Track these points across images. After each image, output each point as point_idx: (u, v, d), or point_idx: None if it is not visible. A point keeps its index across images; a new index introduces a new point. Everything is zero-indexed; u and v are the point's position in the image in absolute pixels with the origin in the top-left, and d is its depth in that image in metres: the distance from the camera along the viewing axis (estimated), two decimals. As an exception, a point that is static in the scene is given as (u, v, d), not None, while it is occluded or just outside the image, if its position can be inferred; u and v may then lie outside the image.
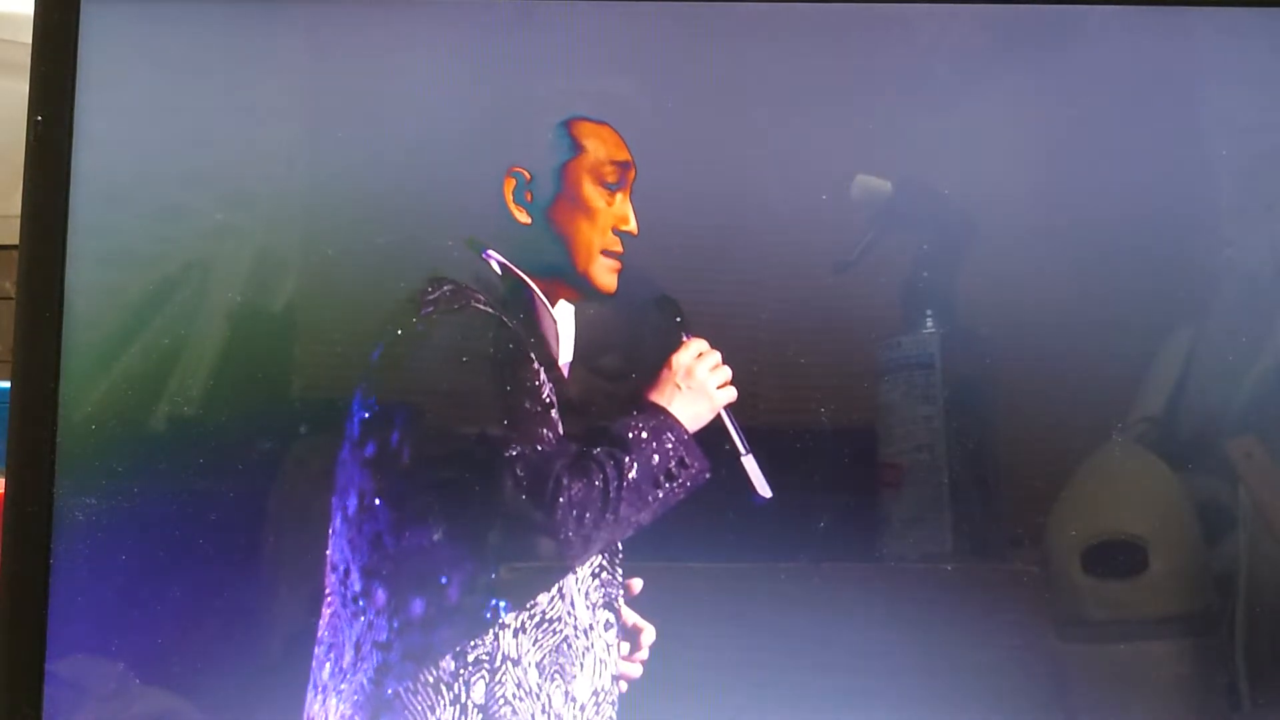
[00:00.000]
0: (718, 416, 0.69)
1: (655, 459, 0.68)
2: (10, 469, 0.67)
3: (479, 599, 0.67)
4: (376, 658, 0.67)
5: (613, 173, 0.69)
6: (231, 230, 0.69)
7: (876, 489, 0.69)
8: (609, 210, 0.69)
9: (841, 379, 0.69)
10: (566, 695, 0.68)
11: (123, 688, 0.66)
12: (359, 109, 0.70)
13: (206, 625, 0.67)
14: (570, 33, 0.70)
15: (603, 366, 0.70)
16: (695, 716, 0.67)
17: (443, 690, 0.66)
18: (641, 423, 0.68)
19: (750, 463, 0.68)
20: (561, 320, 0.70)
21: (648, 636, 0.68)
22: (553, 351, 0.70)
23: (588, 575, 0.69)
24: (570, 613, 0.68)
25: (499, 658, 0.67)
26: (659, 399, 0.69)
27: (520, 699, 0.67)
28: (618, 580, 0.69)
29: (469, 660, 0.67)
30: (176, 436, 0.68)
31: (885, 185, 0.69)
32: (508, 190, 0.69)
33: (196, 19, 0.70)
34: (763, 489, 0.68)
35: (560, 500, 0.67)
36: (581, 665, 0.68)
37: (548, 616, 0.68)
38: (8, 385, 0.67)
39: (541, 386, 0.68)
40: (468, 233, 0.69)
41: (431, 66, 0.70)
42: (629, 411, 0.69)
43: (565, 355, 0.70)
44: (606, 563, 0.69)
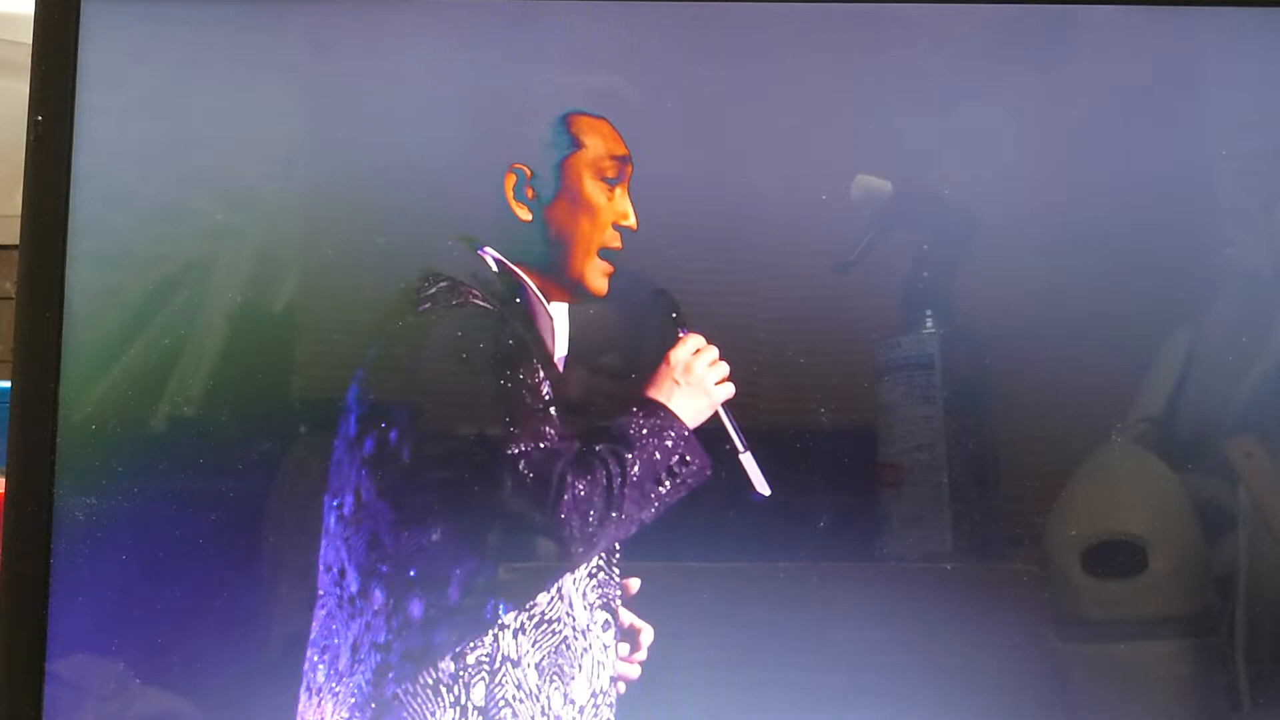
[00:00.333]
0: (715, 414, 0.69)
1: (657, 456, 0.68)
2: (10, 469, 0.67)
3: (480, 599, 0.67)
4: (375, 659, 0.66)
5: (611, 167, 0.69)
6: (231, 230, 0.69)
7: (876, 489, 0.69)
8: (609, 206, 0.69)
9: (841, 379, 0.69)
10: (565, 697, 0.68)
11: (123, 688, 0.66)
12: (358, 108, 0.70)
13: (207, 625, 0.67)
14: (570, 30, 0.70)
15: (600, 363, 0.70)
16: (693, 717, 0.67)
17: (442, 692, 0.66)
18: (642, 420, 0.68)
19: (749, 460, 0.68)
20: (557, 317, 0.70)
21: (646, 637, 0.68)
22: (549, 348, 0.70)
23: (584, 575, 0.68)
24: (569, 613, 0.68)
25: (499, 659, 0.67)
26: (658, 395, 0.69)
27: (520, 700, 0.67)
28: (615, 580, 0.68)
29: (469, 662, 0.67)
30: (176, 436, 0.68)
31: (885, 185, 0.69)
32: (508, 187, 0.69)
33: (196, 19, 0.70)
34: (761, 486, 0.68)
35: (565, 499, 0.66)
36: (579, 666, 0.68)
37: (547, 617, 0.68)
38: (8, 385, 0.67)
39: (541, 384, 0.68)
40: (468, 230, 0.69)
41: (429, 65, 0.70)
42: (628, 408, 0.69)
43: (561, 352, 0.70)
44: (603, 563, 0.68)
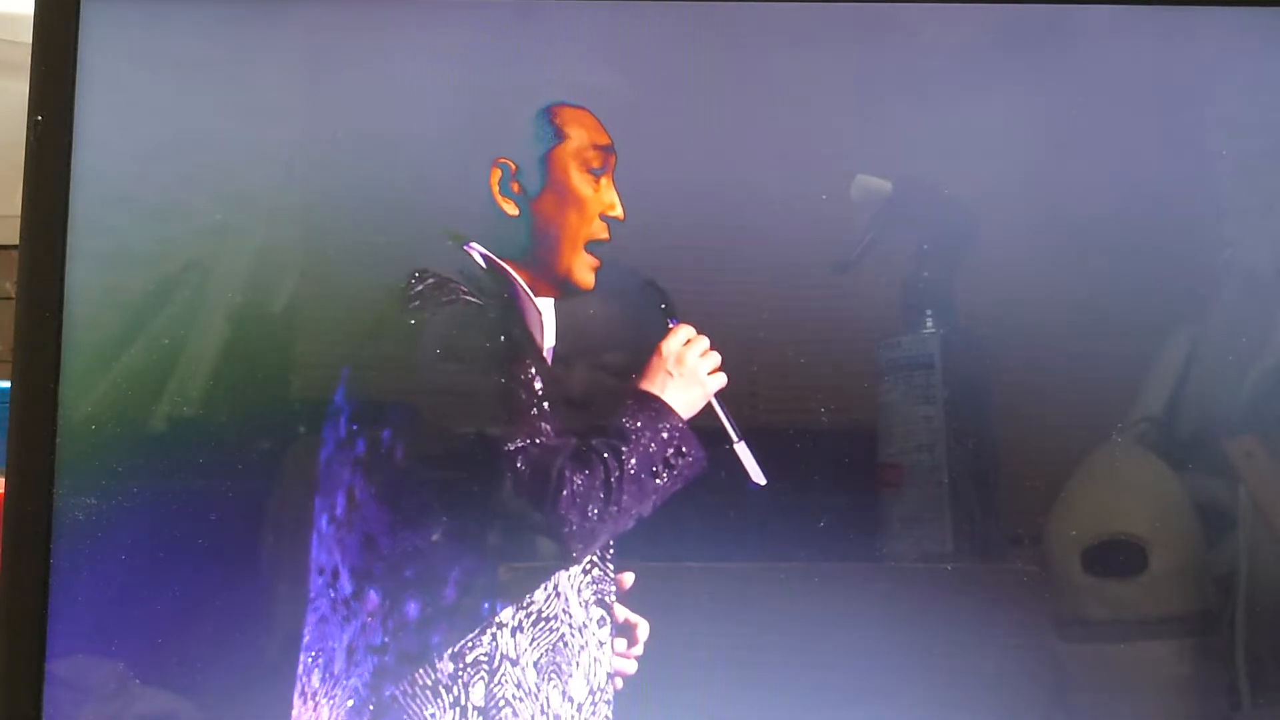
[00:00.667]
0: (708, 405, 0.69)
1: (653, 448, 0.68)
2: (10, 469, 0.67)
3: (478, 598, 0.67)
4: (371, 661, 0.66)
5: (596, 158, 0.69)
6: (231, 230, 0.69)
7: (876, 489, 0.69)
8: (596, 197, 0.69)
9: (841, 379, 0.69)
10: (564, 695, 0.68)
11: (123, 688, 0.66)
12: (358, 108, 0.70)
13: (207, 625, 0.67)
14: (561, 25, 0.70)
15: (591, 357, 0.70)
16: (689, 714, 0.67)
17: (441, 693, 0.66)
18: (636, 412, 0.68)
19: (743, 450, 0.68)
20: (545, 312, 0.70)
21: (642, 631, 0.68)
22: (539, 344, 0.70)
23: (580, 572, 0.68)
24: (566, 610, 0.68)
25: (498, 658, 0.67)
26: (651, 387, 0.69)
27: (520, 699, 0.67)
28: (609, 576, 0.68)
29: (467, 661, 0.66)
30: (176, 436, 0.68)
31: (885, 185, 0.69)
32: (494, 182, 0.69)
33: (196, 19, 0.70)
34: (757, 476, 0.68)
35: (562, 495, 0.66)
36: (577, 664, 0.68)
37: (544, 615, 0.68)
38: (8, 385, 0.67)
39: (532, 380, 0.68)
40: (458, 226, 0.69)
41: (417, 63, 0.70)
42: (622, 401, 0.68)
43: (550, 346, 0.70)
44: (597, 559, 0.68)
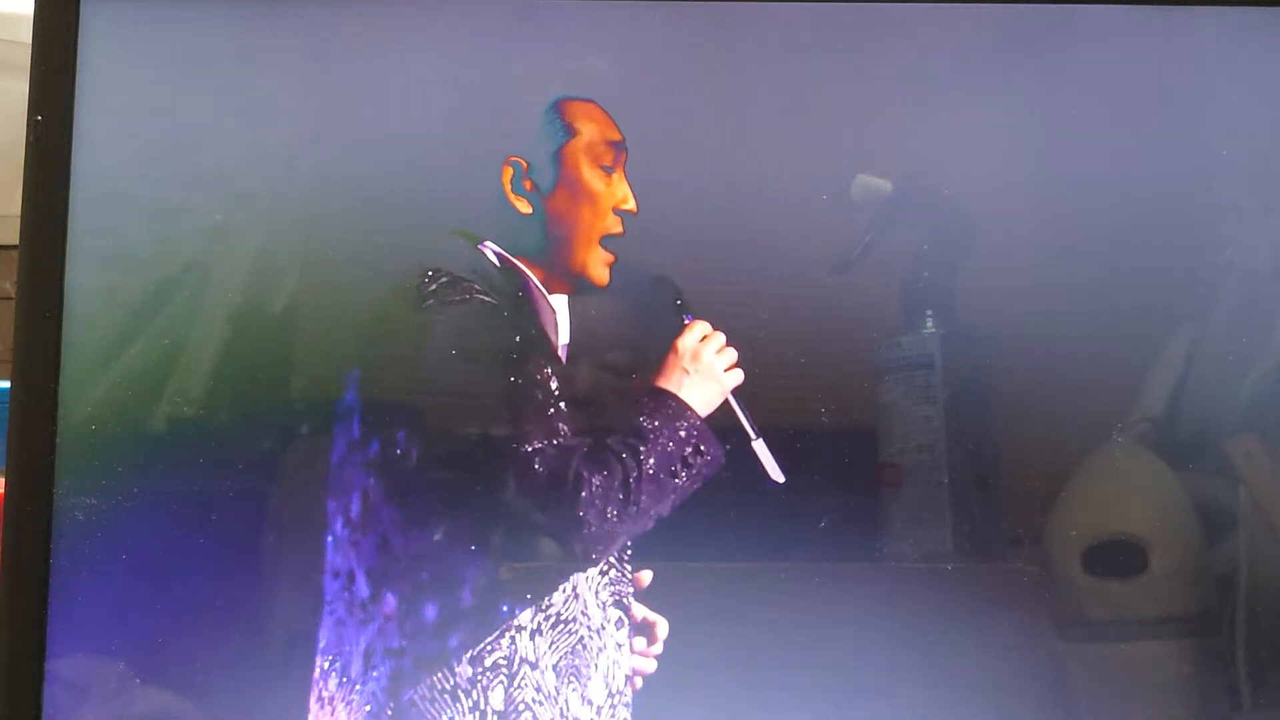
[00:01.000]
0: (724, 403, 0.68)
1: (671, 446, 0.67)
2: (10, 469, 0.67)
3: (496, 600, 0.66)
4: (389, 665, 0.66)
5: (607, 152, 0.69)
6: (231, 230, 0.69)
7: (877, 489, 0.69)
8: (609, 191, 0.69)
9: (841, 379, 0.69)
10: (583, 698, 0.67)
11: (123, 687, 0.66)
12: (358, 107, 0.70)
13: (207, 625, 0.67)
14: (571, 24, 0.70)
15: (606, 354, 0.70)
16: (701, 715, 0.67)
17: (460, 697, 0.66)
18: (653, 410, 0.68)
19: (761, 447, 0.67)
20: (559, 310, 0.70)
21: (661, 630, 0.68)
22: (553, 342, 0.69)
23: (597, 573, 0.68)
24: (584, 612, 0.68)
25: (517, 661, 0.66)
26: (667, 385, 0.68)
27: (539, 703, 0.66)
28: (626, 577, 0.68)
29: (486, 665, 0.66)
30: (176, 436, 0.68)
31: (885, 185, 0.69)
32: (506, 180, 0.69)
33: (196, 19, 0.70)
34: (775, 474, 0.67)
35: (581, 495, 0.66)
36: (595, 666, 0.68)
37: (563, 617, 0.67)
38: (8, 385, 0.67)
39: (548, 379, 0.68)
40: (470, 225, 0.69)
41: (425, 62, 0.70)
42: (638, 399, 0.68)
43: (564, 344, 0.70)
44: (615, 560, 0.68)
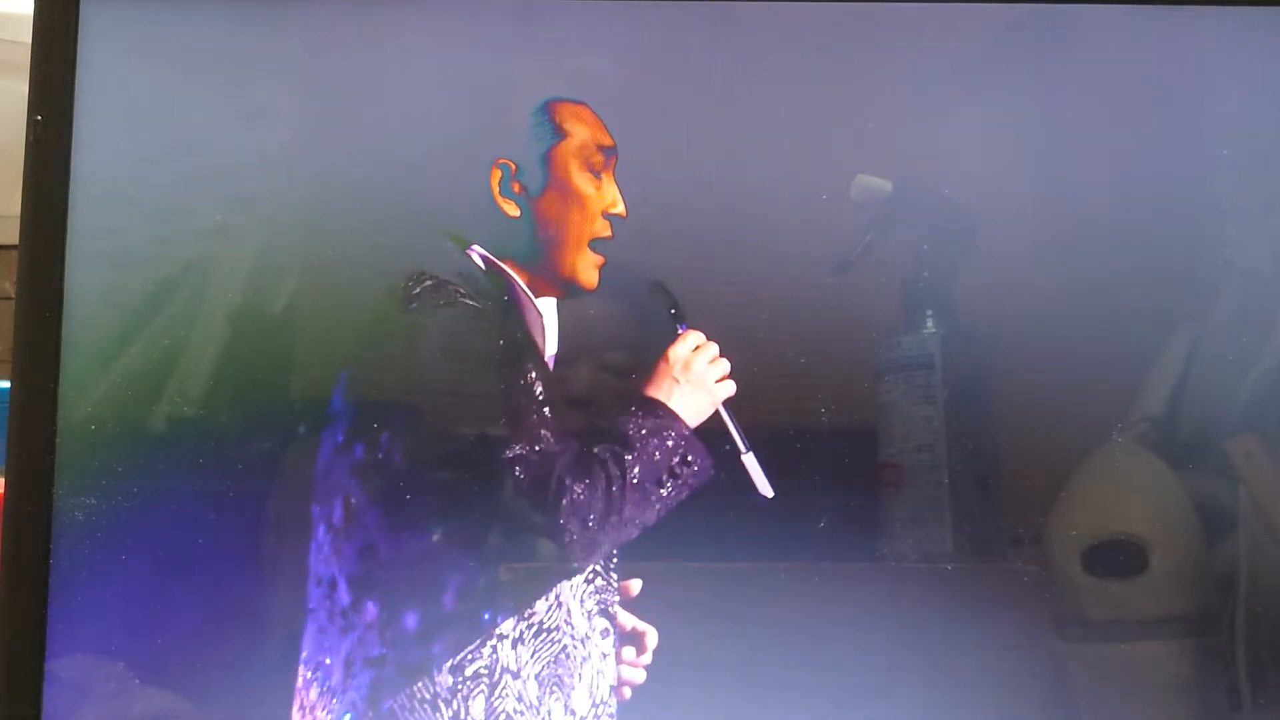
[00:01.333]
0: (715, 414, 0.68)
1: (658, 456, 0.67)
2: (10, 469, 0.67)
3: (476, 608, 0.66)
4: (369, 674, 0.66)
5: (597, 154, 0.69)
6: (231, 230, 0.69)
7: (876, 489, 0.69)
8: (597, 195, 0.69)
9: (841, 379, 0.69)
10: (566, 708, 0.67)
11: (123, 688, 0.66)
12: (358, 108, 0.70)
13: (207, 625, 0.67)
14: (562, 24, 0.70)
15: (595, 360, 0.69)
16: (701, 716, 0.67)
17: (440, 707, 0.65)
18: (642, 419, 0.67)
19: (751, 460, 0.67)
20: (546, 314, 0.69)
21: (651, 639, 0.67)
22: (540, 346, 0.69)
23: (582, 582, 0.67)
24: (568, 621, 0.67)
25: (498, 671, 0.66)
26: (657, 394, 0.68)
27: (520, 714, 0.66)
28: (612, 585, 0.68)
29: (467, 675, 0.66)
30: (176, 436, 0.68)
31: (885, 185, 0.69)
32: (494, 183, 0.68)
33: (196, 19, 0.70)
34: (764, 488, 0.67)
35: (564, 502, 0.65)
36: (579, 676, 0.67)
37: (546, 626, 0.67)
38: (8, 385, 0.67)
39: (533, 384, 0.68)
40: (458, 227, 0.69)
41: (416, 63, 0.70)
42: (627, 407, 0.68)
43: (552, 350, 0.69)
44: (600, 567, 0.68)
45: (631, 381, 0.69)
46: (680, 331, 0.68)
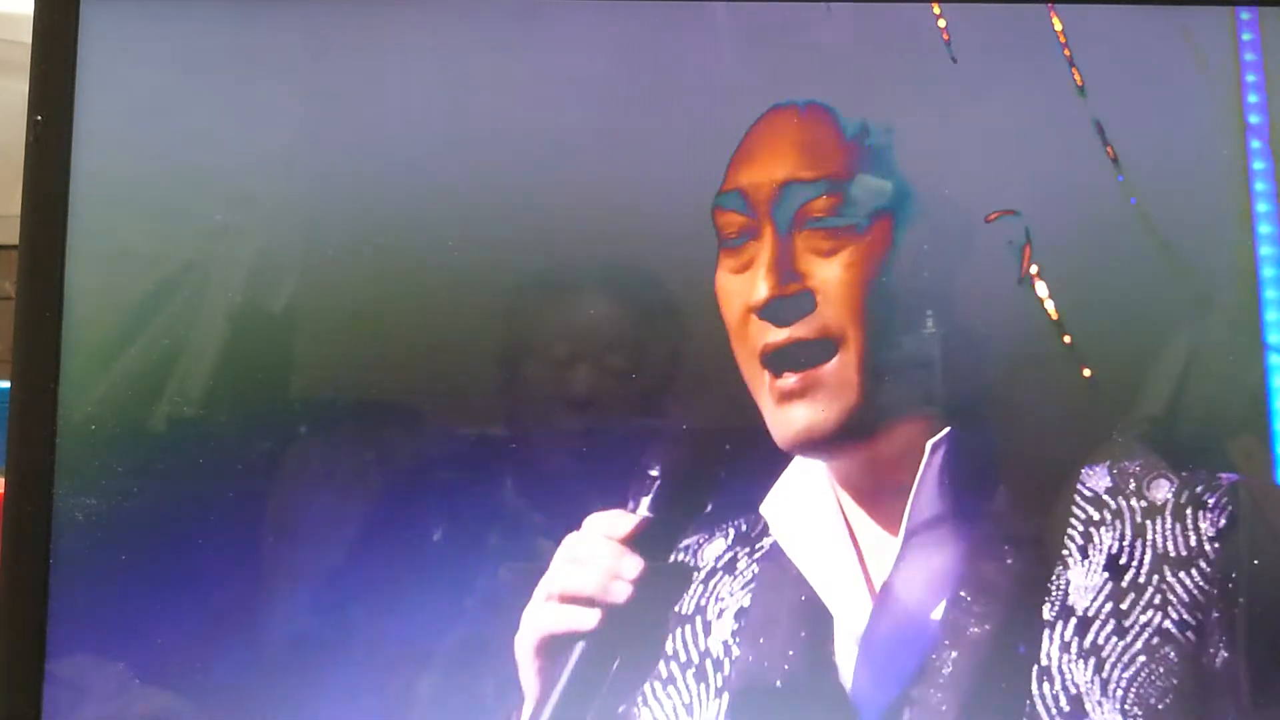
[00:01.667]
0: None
1: None
2: (10, 469, 0.67)
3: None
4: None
5: None
6: (232, 230, 0.69)
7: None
8: None
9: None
10: None
11: (123, 688, 0.66)
12: (359, 108, 0.70)
13: (207, 626, 0.67)
14: (564, 25, 0.70)
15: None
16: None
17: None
18: None
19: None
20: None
21: None
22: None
23: None
24: None
25: None
26: None
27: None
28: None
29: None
30: (176, 436, 0.68)
31: (885, 185, 0.69)
32: None
33: (196, 19, 0.70)
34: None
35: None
36: None
37: None
38: (8, 385, 0.67)
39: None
40: (464, 231, 0.69)
41: (426, 62, 0.70)
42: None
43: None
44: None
45: (629, 379, 0.68)
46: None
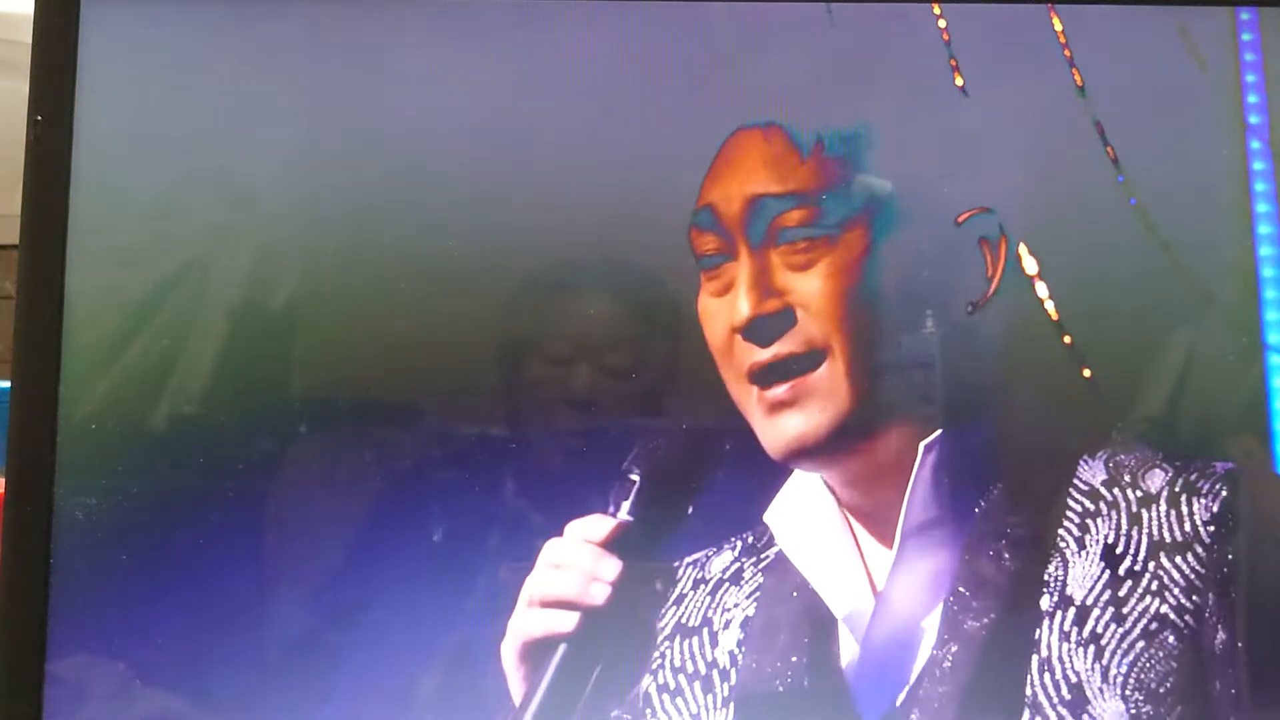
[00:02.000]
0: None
1: None
2: (10, 469, 0.67)
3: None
4: None
5: None
6: (232, 230, 0.69)
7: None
8: None
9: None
10: None
11: (123, 688, 0.66)
12: (359, 108, 0.70)
13: (207, 626, 0.67)
14: (570, 27, 0.70)
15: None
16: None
17: None
18: None
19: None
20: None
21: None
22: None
23: None
24: None
25: None
26: None
27: None
28: None
29: None
30: (176, 436, 0.68)
31: (885, 185, 0.69)
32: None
33: (196, 19, 0.70)
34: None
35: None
36: None
37: None
38: (8, 385, 0.67)
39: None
40: (466, 231, 0.69)
41: (428, 63, 0.70)
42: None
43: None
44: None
45: (629, 378, 0.68)
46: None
